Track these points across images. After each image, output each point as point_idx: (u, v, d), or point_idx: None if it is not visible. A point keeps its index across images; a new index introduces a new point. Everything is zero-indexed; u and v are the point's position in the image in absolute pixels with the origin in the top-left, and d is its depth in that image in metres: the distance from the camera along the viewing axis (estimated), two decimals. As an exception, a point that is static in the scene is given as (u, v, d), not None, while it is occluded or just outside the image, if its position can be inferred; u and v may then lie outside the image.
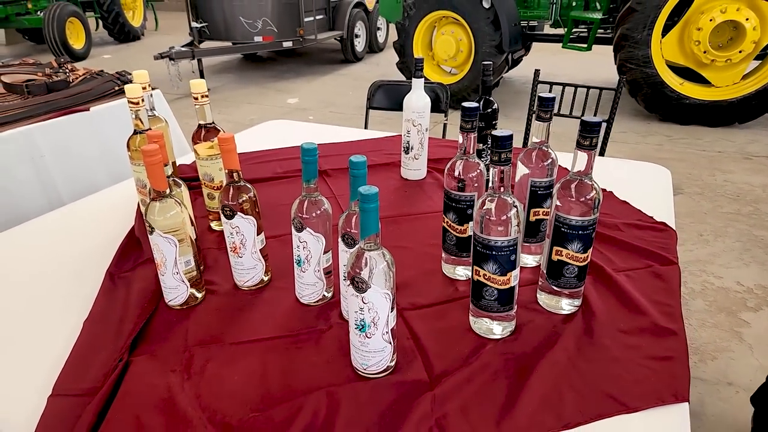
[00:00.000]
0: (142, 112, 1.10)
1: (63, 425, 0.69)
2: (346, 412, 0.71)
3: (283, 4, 6.08)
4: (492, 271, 0.81)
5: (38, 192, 2.04)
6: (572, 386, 0.76)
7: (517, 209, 0.78)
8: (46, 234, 1.23)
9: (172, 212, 0.88)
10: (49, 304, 0.97)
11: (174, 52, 5.38)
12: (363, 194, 0.68)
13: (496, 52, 4.68)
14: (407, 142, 1.44)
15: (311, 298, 0.95)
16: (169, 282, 0.92)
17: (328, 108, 5.28)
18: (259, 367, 0.80)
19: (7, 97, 2.24)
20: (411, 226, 1.22)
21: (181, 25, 10.18)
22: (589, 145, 0.80)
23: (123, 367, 0.78)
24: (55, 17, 7.12)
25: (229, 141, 0.91)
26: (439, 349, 0.83)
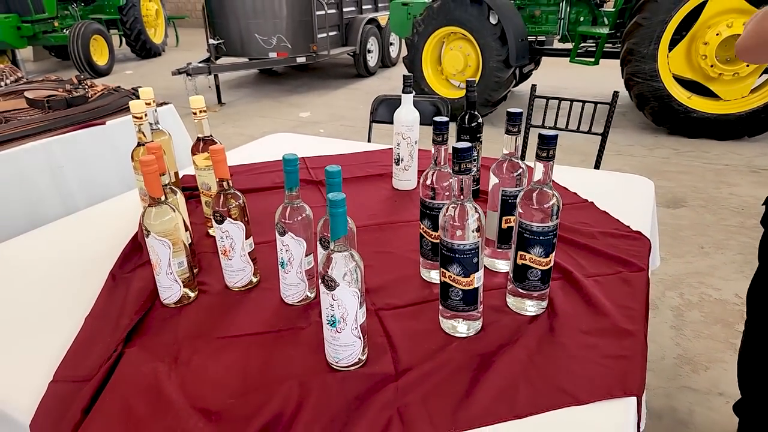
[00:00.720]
0: (145, 126, 1.19)
1: (60, 407, 0.77)
2: (315, 400, 0.77)
3: (297, 22, 6.26)
4: (456, 272, 0.87)
5: (56, 200, 2.16)
6: (528, 380, 0.81)
7: (478, 215, 0.84)
8: (59, 238, 1.32)
9: (167, 217, 0.96)
10: (58, 300, 1.05)
11: (191, 68, 5.57)
12: (331, 200, 0.75)
13: (504, 66, 4.75)
14: (397, 154, 1.51)
15: (294, 298, 1.02)
16: (163, 281, 1.00)
17: (339, 121, 5.40)
18: (240, 359, 0.87)
19: (29, 112, 2.38)
20: (396, 234, 1.29)
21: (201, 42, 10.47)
22: (547, 157, 0.86)
23: (117, 357, 0.86)
24: (80, 35, 7.41)
25: (220, 152, 0.99)
26: (409, 346, 0.89)
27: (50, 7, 7.83)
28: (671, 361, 1.91)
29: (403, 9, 5.76)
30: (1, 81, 2.92)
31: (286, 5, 6.16)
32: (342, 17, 7.04)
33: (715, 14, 4.03)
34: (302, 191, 1.51)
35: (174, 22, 10.88)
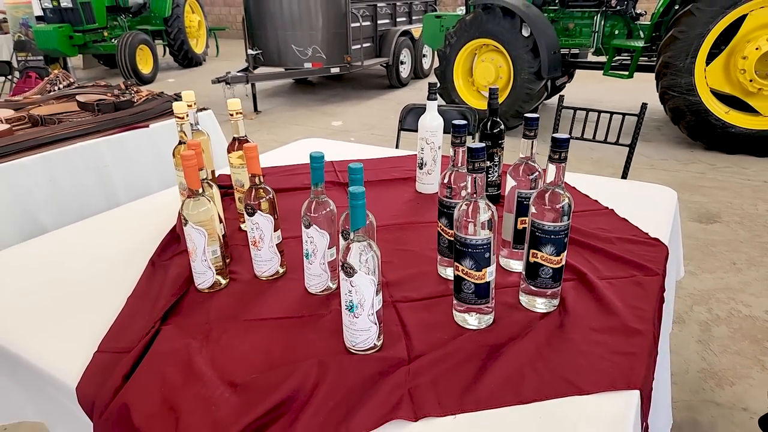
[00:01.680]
0: (186, 126, 1.29)
1: (102, 374, 0.85)
2: (332, 378, 0.83)
3: (332, 33, 6.42)
4: (469, 266, 0.91)
5: (100, 196, 2.30)
6: (534, 370, 0.85)
7: (491, 212, 0.89)
8: (106, 228, 1.43)
9: (203, 208, 1.04)
10: (104, 282, 1.15)
11: (230, 77, 5.78)
12: (352, 192, 0.82)
13: (535, 78, 4.76)
14: (421, 158, 1.56)
15: (317, 288, 1.09)
16: (198, 268, 1.08)
17: (370, 130, 5.50)
18: (265, 340, 0.94)
19: (80, 114, 2.55)
20: (416, 233, 1.34)
21: (240, 52, 10.82)
22: (559, 159, 0.91)
23: (154, 333, 0.94)
24: (127, 44, 7.78)
25: (253, 149, 1.07)
26: (422, 335, 0.94)
27: (100, 18, 8.26)
28: (695, 375, 1.88)
29: (436, 21, 5.85)
30: (55, 86, 3.12)
31: (322, 17, 6.34)
32: (376, 29, 7.18)
33: (754, 28, 3.95)
34: (329, 192, 1.59)
35: (215, 33, 11.28)
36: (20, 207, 2.02)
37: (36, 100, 2.85)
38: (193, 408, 0.78)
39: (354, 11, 6.50)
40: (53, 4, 7.84)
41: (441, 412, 0.78)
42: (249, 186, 1.09)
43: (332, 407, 0.78)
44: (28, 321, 1.01)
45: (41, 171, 2.09)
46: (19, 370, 0.98)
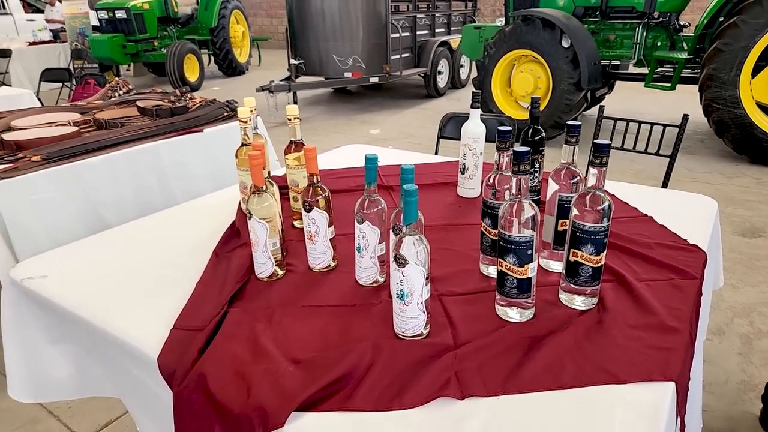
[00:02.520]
0: (248, 129, 1.40)
1: (179, 348, 0.96)
2: (385, 359, 0.91)
3: (372, 44, 6.58)
4: (512, 262, 0.98)
5: (159, 196, 2.46)
6: (574, 360, 0.90)
7: (534, 212, 0.96)
8: (171, 223, 1.56)
9: (266, 203, 1.15)
10: (174, 270, 1.26)
11: (273, 86, 5.99)
12: (405, 190, 0.90)
13: (575, 89, 4.76)
14: (463, 164, 1.64)
15: (367, 280, 1.17)
16: (259, 258, 1.18)
17: (407, 139, 5.59)
18: (322, 323, 1.03)
19: (140, 119, 2.73)
20: (459, 234, 1.41)
21: (281, 62, 11.14)
22: (600, 163, 0.96)
23: (223, 315, 1.04)
24: (176, 54, 8.15)
25: (312, 151, 1.17)
26: (467, 326, 1.01)
27: (151, 29, 8.68)
28: (734, 386, 1.87)
29: (475, 32, 5.92)
30: (116, 92, 3.34)
31: (363, 28, 6.50)
32: (415, 40, 7.30)
33: (804, 40, 3.86)
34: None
35: (258, 43, 11.65)
36: (88, 203, 2.19)
37: (99, 105, 3.06)
38: (262, 380, 0.87)
39: (394, 22, 6.64)
40: (109, 15, 8.30)
41: (486, 392, 0.84)
42: (307, 184, 1.19)
43: (386, 384, 0.86)
44: (110, 301, 1.13)
45: (106, 171, 2.26)
46: (101, 345, 1.10)
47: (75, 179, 2.14)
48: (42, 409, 1.85)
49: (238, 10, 10.16)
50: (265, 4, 15.06)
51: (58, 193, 2.08)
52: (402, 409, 0.82)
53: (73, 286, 1.19)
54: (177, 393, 0.89)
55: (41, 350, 1.26)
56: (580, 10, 5.18)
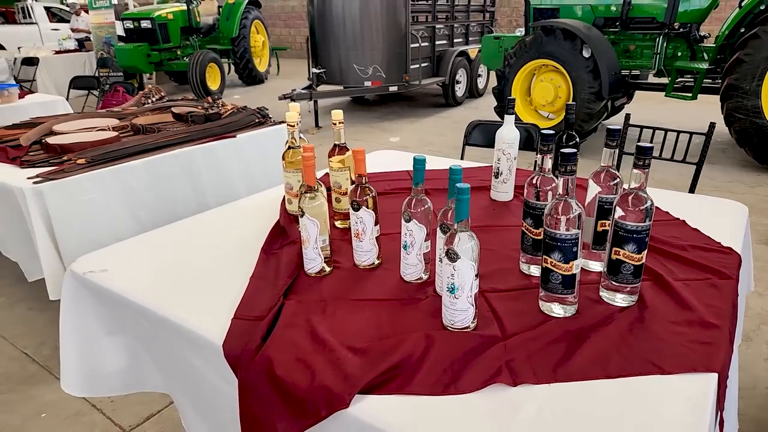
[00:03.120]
0: (296, 132, 1.47)
1: (242, 336, 1.01)
2: (438, 348, 0.95)
3: (392, 53, 6.67)
4: (557, 259, 1.02)
5: (192, 198, 2.54)
6: (619, 352, 0.94)
7: (580, 212, 1.00)
8: (218, 222, 1.62)
9: (318, 202, 1.21)
10: (227, 265, 1.32)
11: (295, 94, 6.10)
12: (458, 188, 0.95)
13: (595, 99, 4.79)
14: (497, 168, 1.69)
15: (412, 277, 1.22)
16: (309, 254, 1.24)
17: (426, 147, 5.65)
18: (372, 316, 1.08)
19: (175, 124, 2.82)
20: (496, 235, 1.46)
21: (299, 71, 11.31)
22: (643, 165, 1.01)
23: (279, 306, 1.10)
24: (198, 63, 8.33)
25: (361, 153, 1.23)
26: (512, 320, 1.05)
27: (175, 38, 8.90)
28: (763, 391, 1.88)
29: (495, 42, 5.98)
30: (149, 99, 3.45)
31: (383, 38, 6.60)
32: (434, 50, 7.39)
33: (828, 50, 3.86)
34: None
35: (276, 52, 11.83)
36: (127, 204, 2.28)
37: (134, 112, 3.17)
38: (324, 365, 0.92)
39: (414, 32, 6.74)
40: (134, 25, 8.52)
41: (536, 380, 0.89)
42: (355, 185, 1.25)
43: (441, 371, 0.90)
44: (170, 293, 1.20)
45: (145, 174, 2.35)
46: (161, 335, 1.16)
47: (116, 181, 2.23)
48: (85, 403, 1.92)
49: (259, 20, 10.35)
50: (283, 14, 15.31)
51: (101, 194, 2.17)
52: (458, 393, 0.87)
53: (133, 279, 1.26)
54: (243, 377, 0.94)
55: (96, 344, 1.33)
56: (601, 20, 5.23)
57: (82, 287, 1.31)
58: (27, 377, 2.08)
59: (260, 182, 2.75)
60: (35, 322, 2.45)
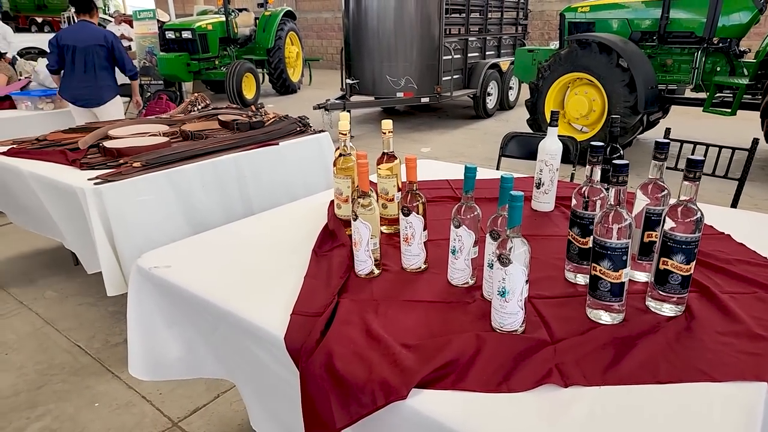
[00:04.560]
0: (347, 140, 1.53)
1: (302, 330, 1.07)
2: (488, 347, 0.99)
3: (425, 65, 6.76)
4: (606, 267, 1.06)
5: (238, 202, 2.64)
6: (667, 359, 0.97)
7: (630, 221, 1.03)
8: (270, 225, 1.70)
9: (371, 207, 1.27)
10: (279, 265, 1.39)
11: (329, 104, 6.23)
12: (513, 195, 1.00)
13: (630, 113, 4.76)
14: (539, 179, 1.72)
15: (459, 281, 1.26)
16: (361, 256, 1.30)
17: (457, 158, 5.69)
18: (423, 316, 1.13)
19: (221, 131, 2.94)
20: (539, 244, 1.49)
21: (330, 81, 11.51)
22: (693, 177, 1.04)
23: (335, 304, 1.16)
24: (235, 72, 8.57)
25: (413, 160, 1.29)
26: (560, 325, 1.09)
27: (213, 48, 9.18)
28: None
29: (529, 55, 6.00)
30: (195, 106, 3.60)
31: (416, 50, 6.70)
32: (466, 62, 7.45)
33: None
34: (448, 206, 1.78)
35: (309, 63, 12.08)
36: (177, 206, 2.39)
37: (181, 119, 3.31)
38: (381, 359, 0.97)
39: (446, 45, 6.81)
40: (176, 36, 8.84)
41: (587, 382, 0.92)
42: (406, 191, 1.31)
43: (493, 370, 0.94)
44: (231, 288, 1.27)
45: (195, 177, 2.46)
46: (223, 327, 1.23)
47: (168, 184, 2.34)
48: (136, 394, 2.01)
49: (294, 32, 10.59)
50: (316, 26, 15.63)
51: (155, 196, 2.28)
52: (510, 392, 0.91)
53: (196, 275, 1.34)
54: (304, 368, 1.00)
55: (158, 334, 1.41)
56: (637, 34, 5.20)
57: (146, 281, 1.40)
58: (79, 368, 2.19)
59: (299, 187, 2.85)
60: (86, 316, 2.57)
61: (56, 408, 1.96)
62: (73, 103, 4.10)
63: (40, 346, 2.35)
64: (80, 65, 4.02)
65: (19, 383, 2.10)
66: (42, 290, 2.84)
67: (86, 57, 4.01)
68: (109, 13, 17.47)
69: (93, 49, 4.03)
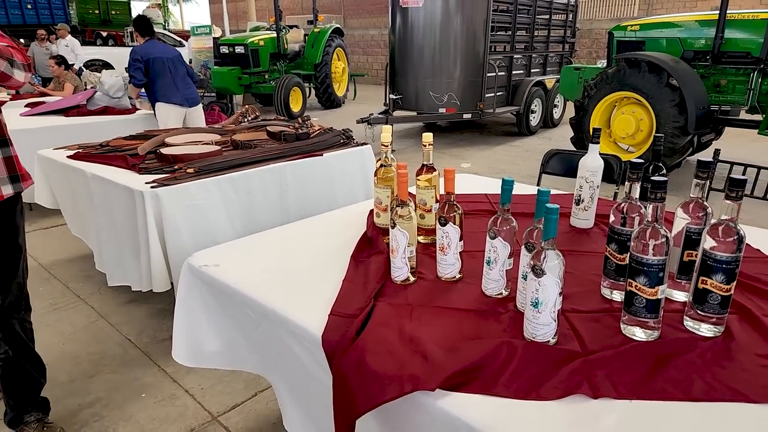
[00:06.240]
0: (388, 152, 1.59)
1: (338, 329, 1.12)
2: (520, 355, 1.01)
3: (468, 82, 6.80)
4: (642, 283, 1.06)
5: (278, 209, 2.74)
6: (702, 378, 0.96)
7: (667, 238, 1.04)
8: (312, 231, 1.77)
9: (408, 216, 1.31)
10: (320, 269, 1.46)
11: (372, 118, 6.35)
12: (548, 208, 1.02)
13: (680, 133, 4.64)
14: (579, 195, 1.72)
15: (493, 291, 1.29)
16: (397, 263, 1.34)
17: (498, 174, 5.67)
18: (456, 322, 1.16)
19: (269, 141, 3.07)
20: (576, 260, 1.49)
21: (373, 96, 11.70)
22: (736, 197, 1.03)
23: (371, 307, 1.20)
24: (283, 86, 8.87)
25: (451, 172, 1.33)
26: (593, 339, 1.09)
27: (264, 63, 9.54)
28: None
29: (575, 73, 5.95)
30: (246, 118, 3.76)
31: (460, 67, 6.75)
32: (510, 79, 7.44)
33: None
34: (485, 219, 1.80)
35: (354, 78, 12.34)
36: (225, 211, 2.50)
37: (233, 129, 3.47)
38: (411, 358, 1.01)
39: (491, 62, 6.83)
40: (229, 50, 9.25)
41: (617, 395, 0.92)
42: (443, 202, 1.34)
43: (524, 378, 0.96)
44: (274, 289, 1.34)
45: (241, 184, 2.57)
46: (265, 324, 1.30)
47: (217, 189, 2.47)
48: (179, 388, 2.11)
49: (341, 48, 10.87)
50: (363, 42, 15.96)
51: (204, 200, 2.41)
52: (539, 400, 0.92)
53: (242, 274, 1.42)
54: (337, 365, 1.05)
55: (202, 326, 1.50)
56: (690, 53, 5.07)
57: (195, 278, 1.49)
58: (128, 360, 2.31)
59: (341, 197, 2.92)
60: (136, 313, 2.72)
61: (106, 396, 2.08)
62: (181, 104, 4.57)
63: (94, 337, 2.50)
64: (176, 72, 4.54)
65: (74, 371, 2.24)
66: (98, 286, 3.02)
67: (177, 66, 4.56)
68: (168, 29, 18.44)
69: (178, 59, 4.60)
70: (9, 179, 1.69)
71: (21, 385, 1.79)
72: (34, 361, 1.83)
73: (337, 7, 17.64)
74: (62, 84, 6.19)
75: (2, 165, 1.68)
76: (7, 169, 1.69)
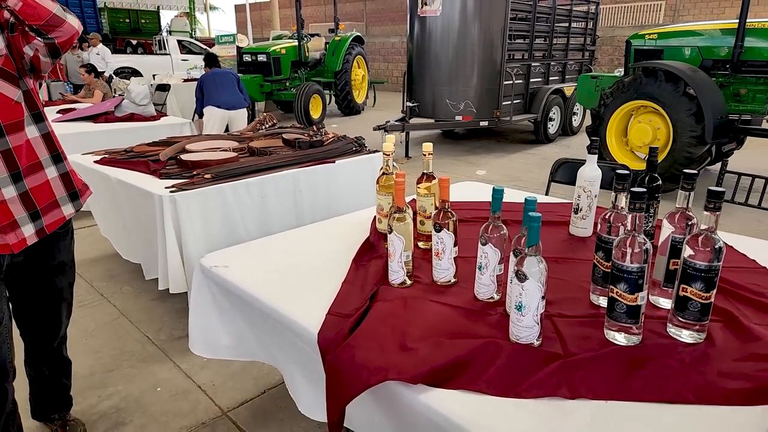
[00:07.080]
0: (390, 161, 1.66)
1: (334, 327, 1.20)
2: (504, 355, 1.07)
3: (485, 90, 6.84)
4: (623, 289, 1.10)
5: (292, 214, 2.83)
6: (677, 380, 1.00)
7: (646, 247, 1.08)
8: (318, 235, 1.85)
9: (405, 222, 1.38)
10: (322, 271, 1.53)
11: (389, 125, 6.44)
12: (530, 216, 1.08)
13: (697, 143, 4.60)
14: (577, 204, 1.76)
15: (484, 296, 1.34)
16: (394, 267, 1.41)
17: (513, 182, 5.68)
18: (447, 318, 1.22)
19: (284, 148, 3.17)
20: (570, 267, 1.53)
21: (393, 103, 11.81)
22: (714, 208, 1.07)
23: (366, 307, 1.27)
24: (304, 94, 9.04)
25: (446, 181, 1.39)
26: (576, 342, 1.14)
27: (285, 71, 9.74)
28: None
29: (592, 82, 5.94)
30: (263, 125, 3.88)
31: (477, 74, 6.80)
32: (528, 87, 7.45)
33: None
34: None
35: (374, 85, 12.47)
36: (239, 215, 2.61)
37: (250, 136, 3.59)
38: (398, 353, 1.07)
39: (508, 70, 6.86)
40: (252, 58, 9.47)
41: (594, 396, 0.97)
42: (439, 209, 1.41)
43: (505, 376, 1.02)
44: (279, 289, 1.42)
45: (257, 190, 2.68)
46: (270, 321, 1.38)
47: (233, 194, 2.57)
48: (193, 384, 2.21)
49: (361, 56, 11.02)
50: (383, 50, 16.11)
51: (220, 205, 2.51)
52: (517, 397, 0.98)
53: (249, 275, 1.50)
54: (330, 360, 1.12)
55: (214, 321, 1.59)
56: (709, 62, 5.03)
57: (207, 278, 1.58)
58: (146, 356, 2.42)
59: (351, 203, 3.00)
60: (156, 311, 2.84)
61: (124, 389, 2.19)
62: (222, 107, 5.51)
63: (115, 334, 2.62)
64: (221, 82, 5.61)
65: (95, 365, 2.36)
66: (120, 285, 3.16)
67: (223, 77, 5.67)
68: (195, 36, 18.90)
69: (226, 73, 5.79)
70: (68, 197, 1.58)
71: (50, 392, 1.87)
72: (66, 372, 1.87)
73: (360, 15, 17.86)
74: (92, 91, 6.45)
75: (59, 182, 1.54)
76: (65, 187, 1.57)
